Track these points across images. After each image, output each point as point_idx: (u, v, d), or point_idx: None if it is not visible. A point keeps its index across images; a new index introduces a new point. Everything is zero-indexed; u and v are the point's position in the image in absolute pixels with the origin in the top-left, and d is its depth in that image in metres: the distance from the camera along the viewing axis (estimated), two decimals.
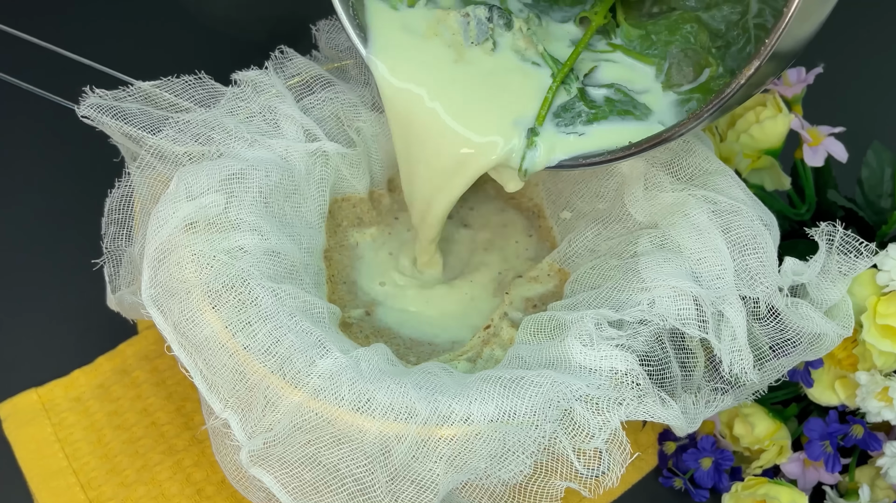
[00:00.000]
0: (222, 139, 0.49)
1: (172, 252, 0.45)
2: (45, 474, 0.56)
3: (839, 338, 0.47)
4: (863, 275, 0.52)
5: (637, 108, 0.49)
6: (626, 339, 0.44)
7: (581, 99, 0.49)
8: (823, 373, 0.55)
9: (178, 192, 0.46)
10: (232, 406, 0.43)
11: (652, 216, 0.51)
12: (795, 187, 0.62)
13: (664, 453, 0.59)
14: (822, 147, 0.59)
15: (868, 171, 0.62)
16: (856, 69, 0.77)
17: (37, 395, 0.59)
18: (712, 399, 0.46)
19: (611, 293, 0.48)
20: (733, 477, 0.57)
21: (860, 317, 0.51)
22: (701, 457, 0.56)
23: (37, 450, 0.57)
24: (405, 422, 0.41)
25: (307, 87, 0.55)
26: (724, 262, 0.47)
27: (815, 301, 0.48)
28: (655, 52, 0.50)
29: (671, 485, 0.57)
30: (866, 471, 0.56)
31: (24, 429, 0.58)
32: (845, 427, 0.54)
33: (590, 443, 0.41)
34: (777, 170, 0.61)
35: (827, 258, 0.48)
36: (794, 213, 0.62)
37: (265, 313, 0.43)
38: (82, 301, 0.62)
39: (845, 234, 0.47)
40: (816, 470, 0.55)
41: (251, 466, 0.43)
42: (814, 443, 0.54)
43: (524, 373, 0.43)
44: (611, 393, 0.42)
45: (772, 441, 0.55)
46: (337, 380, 0.41)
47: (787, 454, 0.55)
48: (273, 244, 0.47)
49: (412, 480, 0.41)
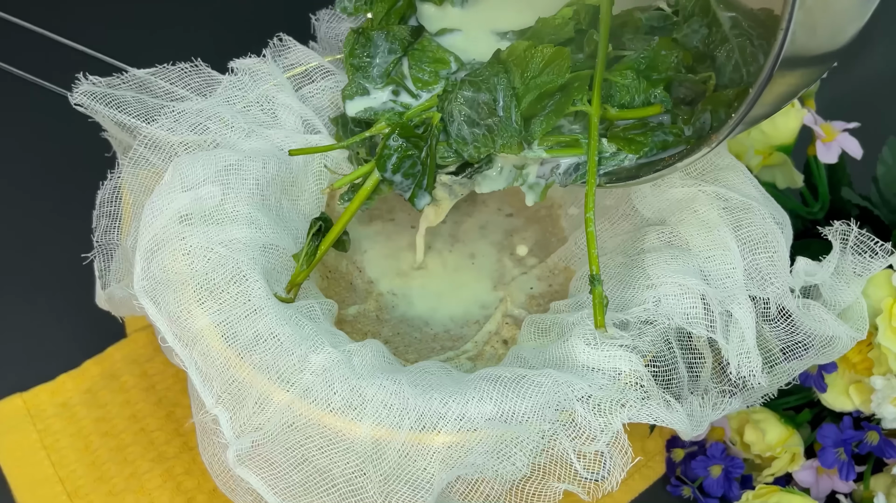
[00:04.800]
0: (219, 129, 0.49)
1: (166, 243, 0.45)
2: (30, 482, 0.56)
3: (852, 342, 0.47)
4: (878, 276, 0.51)
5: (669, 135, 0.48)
6: (630, 340, 0.44)
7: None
8: (837, 378, 0.54)
9: (174, 182, 0.46)
10: (224, 402, 0.43)
11: (660, 212, 0.50)
12: (808, 185, 0.63)
13: (672, 460, 0.58)
14: (836, 143, 0.59)
15: (884, 168, 0.61)
16: (871, 63, 0.77)
17: (22, 401, 0.59)
18: (720, 401, 0.46)
19: (616, 290, 0.48)
20: (744, 485, 0.56)
21: (875, 319, 0.51)
22: (710, 465, 0.55)
23: (22, 457, 0.56)
24: (398, 420, 0.41)
25: (306, 77, 0.54)
26: (734, 261, 0.46)
27: (829, 302, 0.47)
28: (642, 138, 0.48)
29: (679, 493, 0.57)
30: (882, 480, 0.55)
31: (8, 435, 0.57)
32: (860, 433, 0.53)
33: (591, 445, 0.41)
34: (789, 167, 0.61)
35: (841, 258, 0.47)
36: (806, 211, 0.62)
37: (259, 307, 0.43)
38: (69, 303, 0.62)
39: (860, 234, 0.47)
40: (830, 478, 0.55)
41: (237, 466, 0.43)
42: (827, 450, 0.53)
43: (525, 371, 0.43)
44: (614, 394, 0.42)
45: (784, 448, 0.54)
46: (328, 377, 0.42)
47: (799, 461, 0.55)
48: (269, 237, 0.47)
49: (406, 481, 0.41)
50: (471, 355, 0.53)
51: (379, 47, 0.50)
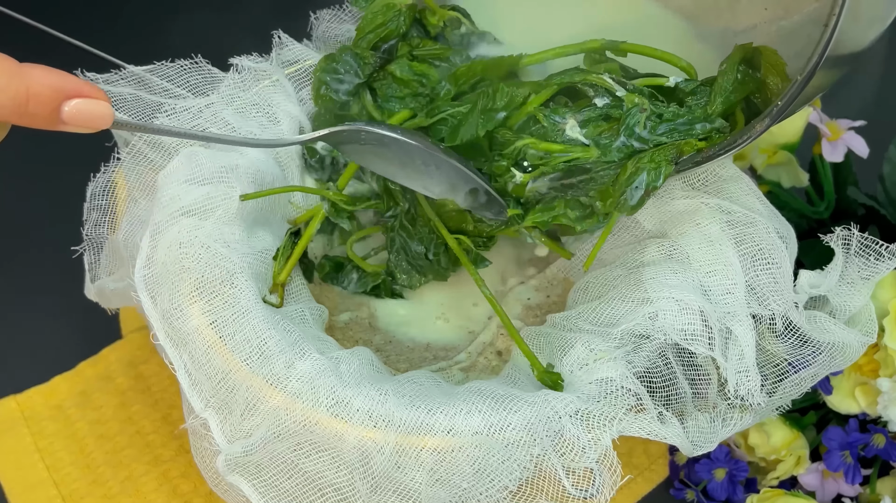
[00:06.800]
0: (218, 130, 0.49)
1: (167, 237, 0.45)
2: (24, 486, 0.56)
3: (863, 347, 0.46)
4: (885, 277, 0.51)
5: None
6: (622, 353, 0.43)
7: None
8: (843, 380, 0.54)
9: (187, 172, 0.46)
10: (213, 406, 0.43)
11: (661, 224, 0.50)
12: (814, 184, 0.62)
13: (675, 464, 0.58)
14: (842, 142, 0.59)
15: (890, 166, 0.61)
16: (877, 61, 0.77)
17: (15, 403, 0.58)
18: (729, 418, 0.45)
19: (612, 304, 0.47)
20: (748, 489, 0.56)
21: (882, 320, 0.51)
22: (714, 468, 0.55)
23: (16, 460, 0.56)
24: (384, 430, 0.40)
25: (306, 76, 0.54)
26: (736, 277, 0.46)
27: (839, 309, 0.47)
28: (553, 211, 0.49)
29: (683, 496, 0.56)
30: (888, 483, 0.55)
31: (2, 438, 0.57)
32: (866, 436, 0.53)
33: (580, 461, 0.41)
34: (794, 166, 0.61)
35: (847, 263, 0.47)
36: (812, 211, 0.62)
37: (247, 310, 0.43)
38: (63, 304, 0.62)
39: (863, 238, 0.46)
40: (836, 481, 0.54)
41: (228, 473, 0.43)
42: (833, 453, 0.53)
43: (518, 392, 0.42)
44: (604, 408, 0.41)
45: (789, 451, 0.54)
46: (315, 383, 0.41)
47: (804, 465, 0.54)
48: (264, 242, 0.47)
49: (394, 490, 0.41)
50: (463, 366, 0.53)
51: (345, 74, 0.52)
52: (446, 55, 0.51)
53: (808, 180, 0.61)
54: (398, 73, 0.51)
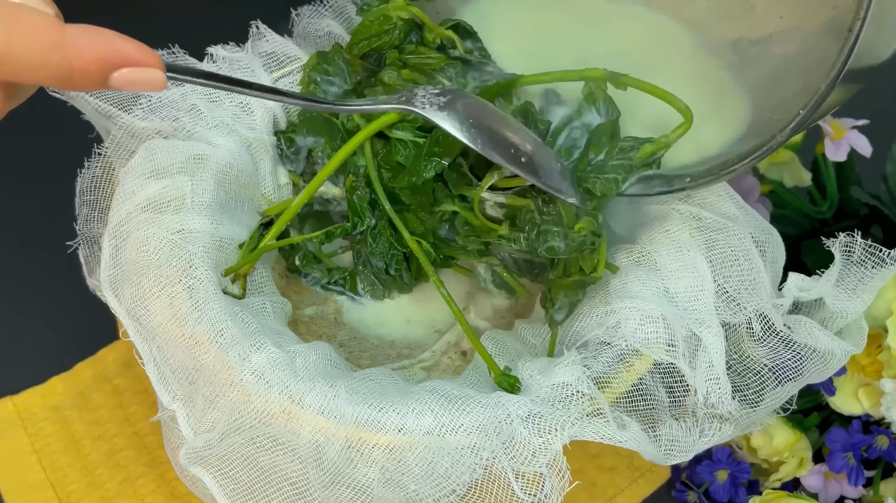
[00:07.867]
0: (191, 120, 0.50)
1: (130, 233, 0.45)
2: (21, 487, 0.55)
3: (846, 356, 0.46)
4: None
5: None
6: (580, 359, 0.43)
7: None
8: (846, 381, 0.54)
9: (145, 167, 0.46)
10: (180, 398, 0.43)
11: (632, 230, 0.50)
12: (816, 184, 0.62)
13: (677, 465, 0.58)
14: (845, 141, 0.59)
15: (893, 166, 0.61)
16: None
17: (12, 404, 0.58)
18: (708, 428, 0.44)
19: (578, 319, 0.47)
20: (750, 490, 0.56)
21: (885, 321, 0.51)
22: (716, 470, 0.55)
23: (12, 461, 0.56)
24: (335, 425, 0.40)
25: (279, 65, 0.54)
26: (704, 283, 0.45)
27: (836, 314, 0.46)
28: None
29: (685, 498, 0.57)
30: (892, 485, 0.55)
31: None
32: (869, 437, 0.53)
33: (530, 465, 0.40)
34: (797, 165, 0.61)
35: (847, 268, 0.46)
36: (814, 211, 0.62)
37: (204, 301, 0.43)
38: (60, 305, 0.62)
39: (867, 245, 0.45)
40: (839, 483, 0.54)
41: (190, 465, 0.43)
42: (836, 454, 0.53)
43: (472, 392, 0.42)
44: (557, 412, 0.41)
45: (791, 452, 0.54)
46: (268, 377, 0.41)
47: (807, 466, 0.55)
48: (226, 231, 0.47)
49: (347, 485, 0.41)
50: (426, 365, 0.53)
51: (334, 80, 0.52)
52: (441, 66, 0.51)
53: (811, 180, 0.61)
54: (386, 80, 0.51)
